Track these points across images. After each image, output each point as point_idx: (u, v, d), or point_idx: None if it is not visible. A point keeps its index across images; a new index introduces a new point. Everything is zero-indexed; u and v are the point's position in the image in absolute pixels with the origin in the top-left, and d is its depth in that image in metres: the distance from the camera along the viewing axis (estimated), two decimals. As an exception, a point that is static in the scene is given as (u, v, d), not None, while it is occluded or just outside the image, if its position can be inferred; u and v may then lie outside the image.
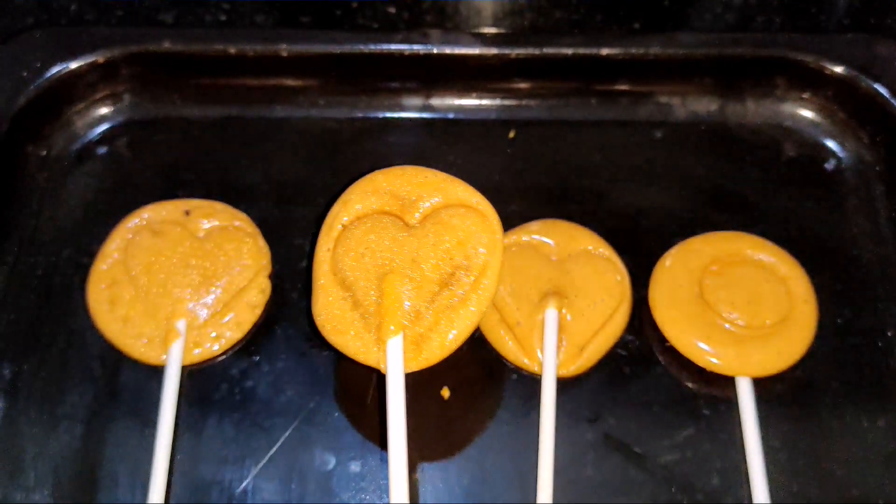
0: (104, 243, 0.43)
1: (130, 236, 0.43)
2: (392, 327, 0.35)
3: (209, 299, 0.41)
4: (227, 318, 0.41)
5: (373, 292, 0.35)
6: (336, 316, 0.35)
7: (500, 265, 0.36)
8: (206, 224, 0.44)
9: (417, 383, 0.39)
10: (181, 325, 0.41)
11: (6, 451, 0.38)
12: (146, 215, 0.44)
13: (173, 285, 0.41)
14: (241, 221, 0.44)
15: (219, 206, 0.45)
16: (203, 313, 0.41)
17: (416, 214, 0.37)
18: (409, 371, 0.35)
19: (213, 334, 0.41)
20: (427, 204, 0.37)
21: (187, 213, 0.44)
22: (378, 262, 0.36)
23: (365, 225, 0.36)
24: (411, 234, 0.36)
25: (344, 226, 0.37)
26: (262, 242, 0.44)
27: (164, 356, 0.40)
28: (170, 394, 0.39)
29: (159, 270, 0.42)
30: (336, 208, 0.38)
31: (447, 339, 0.35)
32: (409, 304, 0.35)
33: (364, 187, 0.38)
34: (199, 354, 0.41)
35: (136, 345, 0.40)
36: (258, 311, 0.42)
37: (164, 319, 0.41)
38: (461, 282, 0.35)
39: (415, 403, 0.39)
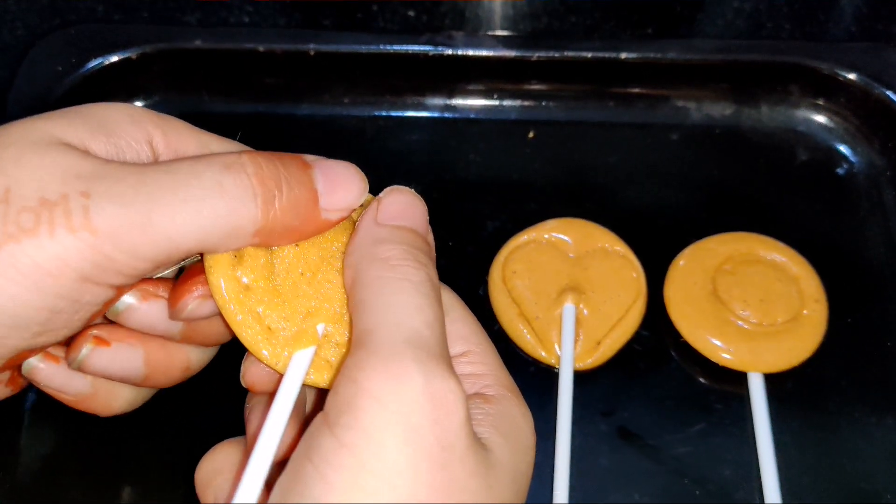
0: None
1: None
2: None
3: None
4: None
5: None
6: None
7: None
8: None
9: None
10: (321, 328, 0.29)
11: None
12: None
13: (325, 279, 0.30)
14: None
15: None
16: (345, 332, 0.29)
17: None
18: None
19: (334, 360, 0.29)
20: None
21: None
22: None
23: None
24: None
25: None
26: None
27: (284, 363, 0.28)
28: (279, 417, 0.26)
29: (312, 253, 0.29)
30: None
31: None
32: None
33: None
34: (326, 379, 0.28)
35: (255, 330, 0.28)
36: None
37: (302, 312, 0.29)
38: None
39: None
